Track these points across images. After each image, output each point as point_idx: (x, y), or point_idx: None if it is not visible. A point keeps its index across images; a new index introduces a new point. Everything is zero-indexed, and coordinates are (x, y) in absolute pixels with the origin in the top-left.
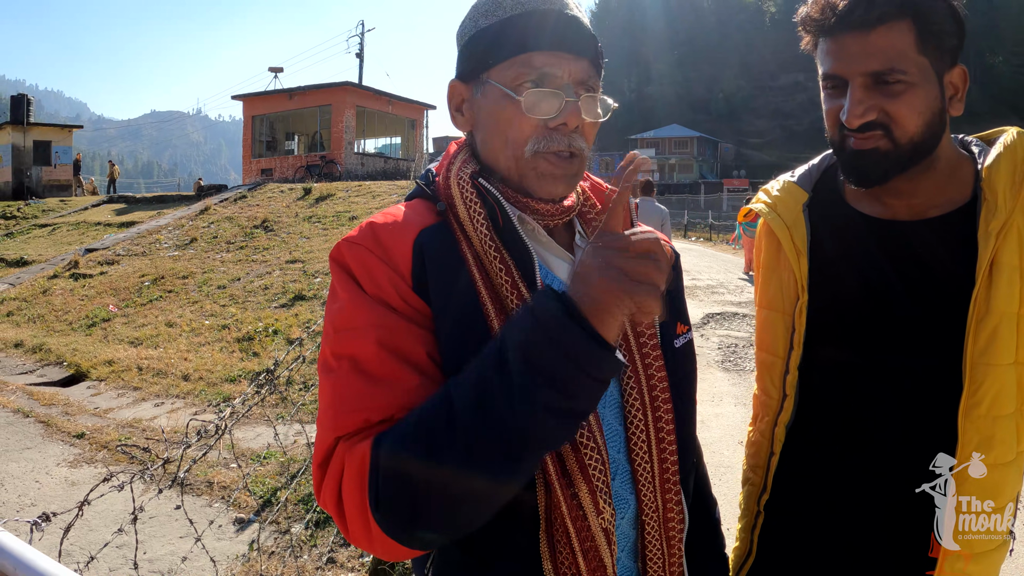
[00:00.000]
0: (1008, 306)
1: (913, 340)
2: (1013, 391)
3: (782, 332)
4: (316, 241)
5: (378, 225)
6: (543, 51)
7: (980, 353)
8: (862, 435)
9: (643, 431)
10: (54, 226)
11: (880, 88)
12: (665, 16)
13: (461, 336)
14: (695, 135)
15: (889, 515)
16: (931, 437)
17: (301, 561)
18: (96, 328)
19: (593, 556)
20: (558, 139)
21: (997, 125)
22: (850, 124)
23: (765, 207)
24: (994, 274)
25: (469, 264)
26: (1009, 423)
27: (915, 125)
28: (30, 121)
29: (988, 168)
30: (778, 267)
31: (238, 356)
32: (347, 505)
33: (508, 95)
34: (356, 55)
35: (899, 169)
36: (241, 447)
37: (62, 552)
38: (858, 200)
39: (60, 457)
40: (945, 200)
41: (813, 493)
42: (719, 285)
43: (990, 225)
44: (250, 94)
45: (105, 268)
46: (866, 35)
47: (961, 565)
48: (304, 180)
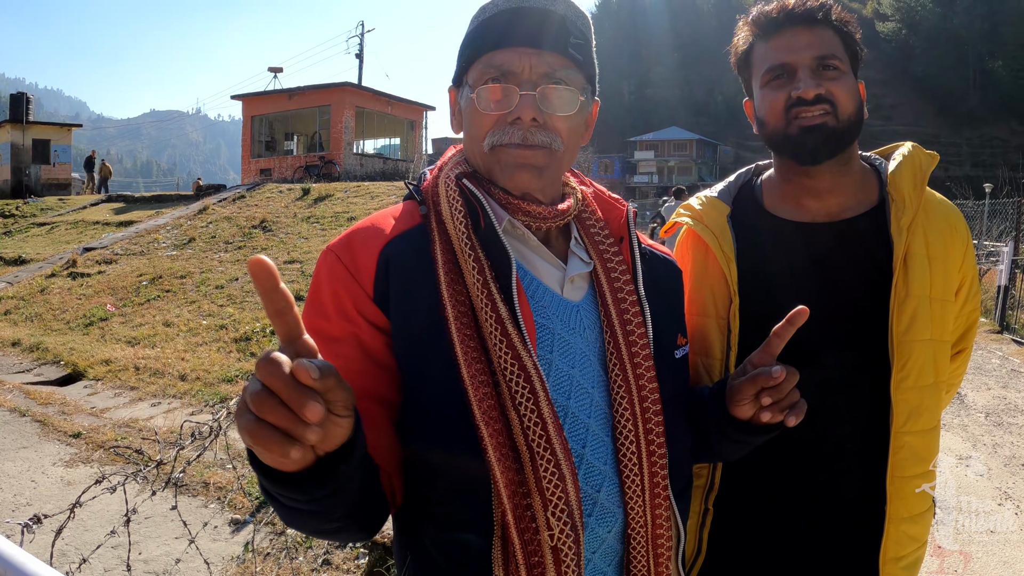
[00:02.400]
0: (922, 289)
1: (843, 330)
2: (932, 364)
3: (717, 336)
4: (314, 242)
5: (356, 232)
6: (504, 48)
7: (904, 332)
8: (805, 427)
9: (632, 443)
10: (52, 225)
11: (823, 72)
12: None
13: (420, 347)
14: (695, 137)
15: (837, 502)
16: (868, 417)
17: (296, 563)
18: (93, 327)
19: (539, 573)
20: (511, 132)
21: (997, 128)
22: (807, 95)
23: (691, 219)
24: (908, 263)
25: (437, 266)
26: (931, 392)
27: (851, 106)
28: (29, 120)
29: (893, 173)
30: (707, 275)
31: (235, 356)
32: None
33: (472, 95)
34: (356, 56)
35: (841, 146)
36: (237, 448)
37: (56, 553)
38: (777, 207)
39: (56, 457)
40: (856, 203)
41: (761, 487)
42: None
43: (901, 221)
44: (249, 94)
45: (103, 267)
46: (810, 29)
47: (903, 527)
48: (303, 180)
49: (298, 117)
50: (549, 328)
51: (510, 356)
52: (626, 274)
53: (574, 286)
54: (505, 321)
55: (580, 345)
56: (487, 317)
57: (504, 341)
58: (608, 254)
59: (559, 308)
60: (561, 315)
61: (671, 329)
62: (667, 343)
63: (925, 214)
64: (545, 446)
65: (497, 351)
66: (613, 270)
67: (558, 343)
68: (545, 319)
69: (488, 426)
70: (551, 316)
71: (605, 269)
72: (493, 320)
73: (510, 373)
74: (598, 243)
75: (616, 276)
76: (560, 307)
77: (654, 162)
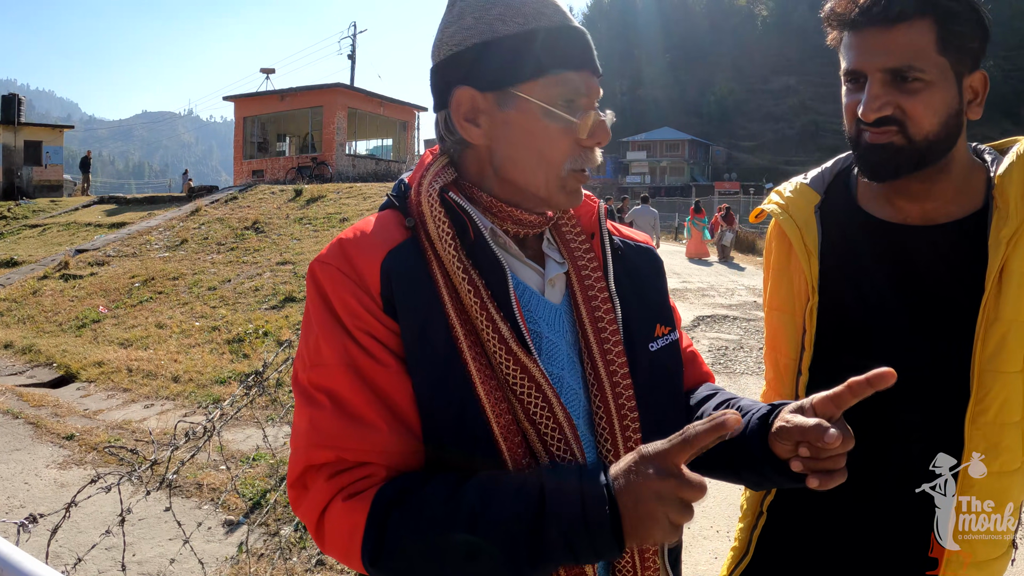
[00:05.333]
0: (1017, 314)
1: (921, 345)
2: (1020, 399)
3: (792, 334)
4: (307, 243)
5: (347, 242)
6: (574, 70)
7: (988, 360)
8: (868, 439)
9: (609, 440)
10: (44, 226)
11: (897, 84)
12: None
13: (429, 359)
14: (687, 138)
15: (890, 518)
16: (937, 443)
17: (290, 563)
18: (86, 329)
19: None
20: (591, 157)
21: (989, 129)
22: (865, 118)
23: (778, 208)
24: (1004, 281)
25: (439, 284)
26: (1015, 431)
27: (930, 124)
28: (21, 121)
29: (1001, 176)
30: (789, 269)
31: (228, 358)
32: (329, 540)
33: (553, 114)
34: (348, 57)
35: (912, 167)
36: (231, 449)
37: (50, 554)
38: (870, 203)
39: (49, 459)
40: (957, 206)
41: (816, 496)
42: (710, 288)
43: (1001, 233)
44: (242, 95)
45: (95, 269)
46: (887, 31)
47: (962, 570)
48: (295, 182)
49: (290, 118)
50: (538, 333)
51: (519, 371)
52: (597, 271)
53: (554, 288)
54: (508, 340)
55: (564, 347)
56: (489, 337)
57: (511, 359)
58: (580, 252)
59: (545, 312)
60: (547, 318)
61: (648, 320)
62: (641, 336)
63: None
64: (565, 448)
65: (504, 368)
66: (584, 268)
67: (546, 346)
68: (534, 324)
69: (507, 440)
70: (539, 321)
71: (576, 268)
72: (496, 340)
73: (520, 386)
74: (569, 241)
75: (587, 274)
76: (546, 311)
77: (646, 163)
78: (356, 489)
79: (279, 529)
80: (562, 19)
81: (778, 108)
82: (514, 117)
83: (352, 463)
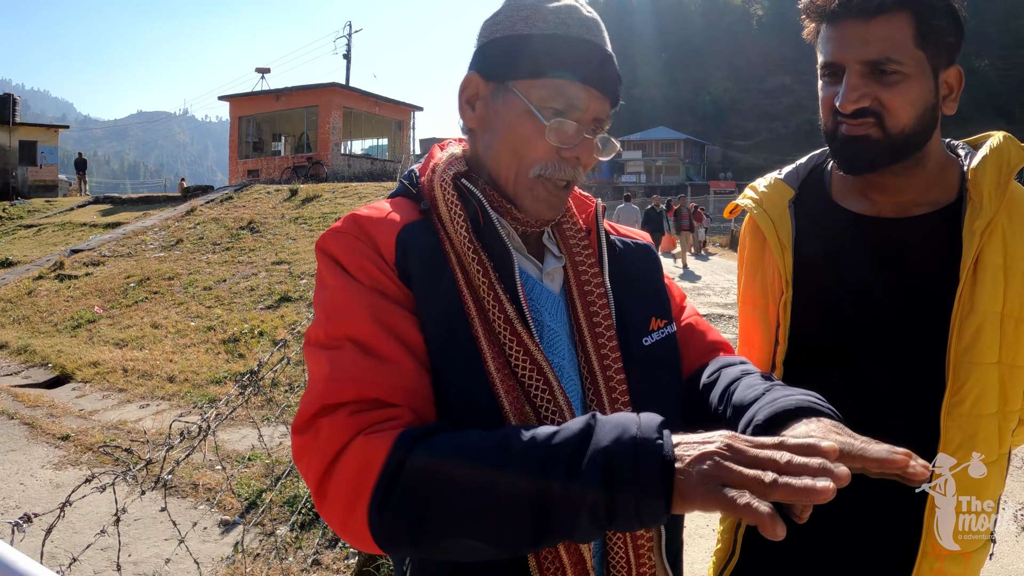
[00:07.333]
0: (992, 305)
1: (896, 337)
2: (996, 390)
3: (766, 328)
4: (302, 242)
5: (362, 217)
6: (576, 83)
7: (964, 351)
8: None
9: None
10: (40, 227)
11: (876, 77)
12: (653, 18)
13: (442, 331)
14: (682, 137)
15: (874, 513)
16: (914, 435)
17: (286, 563)
18: (81, 329)
19: (574, 549)
20: (565, 169)
21: (983, 128)
22: (843, 109)
23: (752, 203)
24: (978, 273)
25: (452, 263)
26: (991, 422)
27: (907, 116)
28: (16, 121)
29: (974, 169)
30: (763, 263)
31: (224, 358)
32: (335, 487)
33: (533, 113)
34: (343, 56)
35: (887, 159)
36: (226, 449)
37: (45, 554)
38: (844, 197)
39: (45, 459)
40: (931, 199)
41: None
42: (705, 287)
43: (974, 224)
44: (237, 95)
45: (91, 269)
46: (866, 23)
47: (939, 564)
48: (291, 181)
49: (285, 118)
50: (540, 320)
51: (522, 352)
52: (594, 267)
53: (552, 282)
54: (513, 320)
55: (563, 336)
56: (496, 316)
57: (515, 339)
58: (578, 247)
59: (547, 301)
60: (549, 307)
61: (643, 314)
62: (635, 330)
63: (1008, 218)
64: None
65: (509, 348)
66: (581, 263)
67: (547, 334)
68: (536, 312)
69: (516, 419)
70: (541, 309)
71: (573, 263)
72: (502, 320)
73: (522, 368)
74: (568, 237)
75: (584, 269)
76: (548, 300)
77: (642, 162)
78: (380, 429)
79: (275, 529)
80: (583, 33)
81: (774, 107)
82: (502, 108)
83: (377, 402)
